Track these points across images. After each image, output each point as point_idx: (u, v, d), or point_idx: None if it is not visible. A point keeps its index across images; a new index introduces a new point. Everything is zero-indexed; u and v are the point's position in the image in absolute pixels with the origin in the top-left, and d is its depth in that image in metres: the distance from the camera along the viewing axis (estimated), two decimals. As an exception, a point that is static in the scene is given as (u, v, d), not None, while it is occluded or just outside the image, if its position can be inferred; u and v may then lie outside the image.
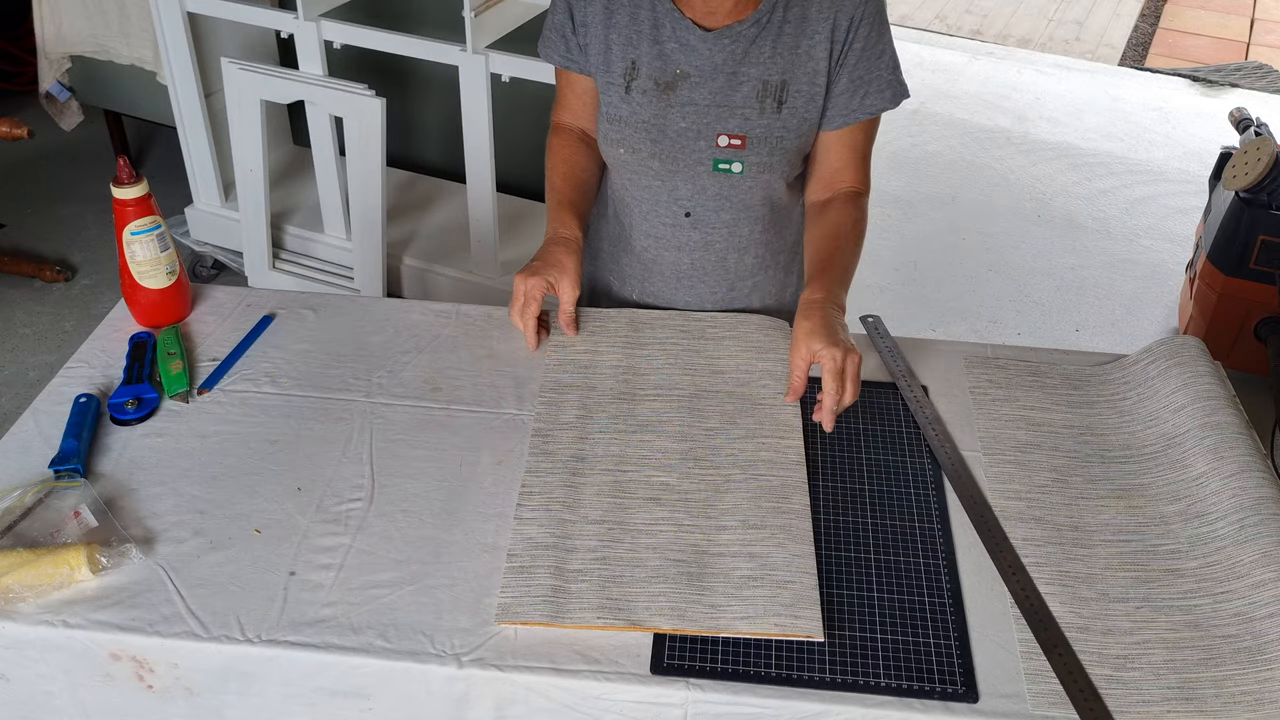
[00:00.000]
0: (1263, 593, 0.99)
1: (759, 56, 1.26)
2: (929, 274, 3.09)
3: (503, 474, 1.13)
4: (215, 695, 0.99)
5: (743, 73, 1.27)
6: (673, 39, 1.27)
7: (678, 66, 1.28)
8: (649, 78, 1.28)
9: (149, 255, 1.28)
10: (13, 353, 2.67)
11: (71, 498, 1.09)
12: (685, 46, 1.27)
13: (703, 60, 1.27)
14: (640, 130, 1.30)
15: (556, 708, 0.95)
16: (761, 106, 1.28)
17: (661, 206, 1.36)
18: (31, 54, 3.05)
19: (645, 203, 1.37)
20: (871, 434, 1.20)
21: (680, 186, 1.34)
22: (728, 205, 1.35)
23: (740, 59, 1.26)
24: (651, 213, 1.38)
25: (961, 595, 1.02)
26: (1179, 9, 5.14)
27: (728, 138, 1.29)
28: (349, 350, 1.30)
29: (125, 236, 1.27)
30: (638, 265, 1.44)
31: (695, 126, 1.29)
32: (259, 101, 2.47)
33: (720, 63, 1.27)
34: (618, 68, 1.29)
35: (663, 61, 1.28)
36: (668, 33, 1.27)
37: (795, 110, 1.28)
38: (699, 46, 1.26)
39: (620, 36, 1.29)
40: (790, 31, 1.26)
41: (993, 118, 3.98)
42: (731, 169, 1.31)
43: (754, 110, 1.28)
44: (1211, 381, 1.22)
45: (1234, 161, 2.54)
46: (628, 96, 1.30)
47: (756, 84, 1.27)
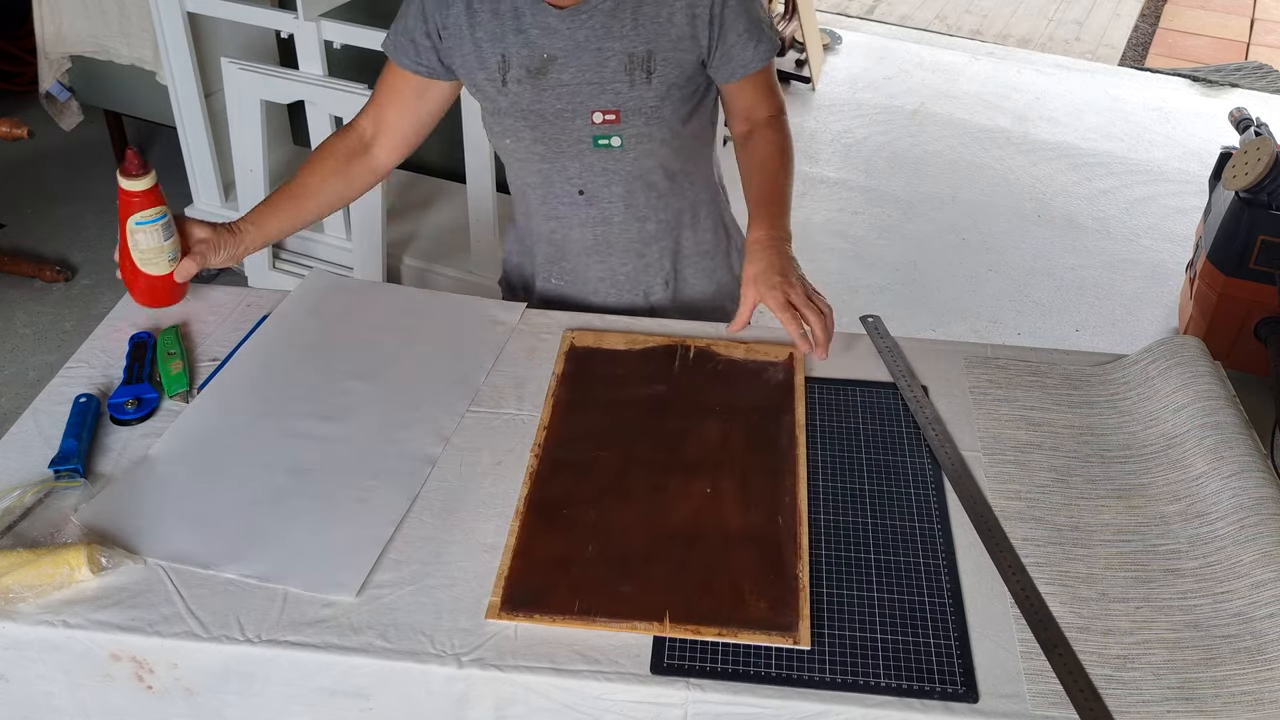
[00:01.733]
0: (1263, 593, 0.99)
1: (620, 30, 1.29)
2: (929, 274, 3.09)
3: (503, 474, 1.13)
4: (215, 695, 0.99)
5: (607, 48, 1.29)
6: (534, 25, 1.30)
7: (544, 51, 1.31)
8: (521, 66, 1.31)
9: (153, 244, 1.28)
10: (13, 353, 2.67)
11: (71, 498, 1.09)
12: (547, 30, 1.30)
13: (565, 41, 1.30)
14: (520, 119, 1.34)
15: (556, 708, 0.95)
16: (631, 79, 1.30)
17: (556, 188, 1.40)
18: (31, 54, 3.05)
19: (540, 187, 1.41)
20: (871, 434, 1.20)
21: (569, 166, 1.37)
22: (617, 179, 1.38)
23: (602, 35, 1.29)
24: (549, 195, 1.41)
25: (961, 595, 1.02)
26: (1179, 9, 5.14)
27: (601, 114, 1.32)
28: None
29: (130, 225, 1.27)
30: (549, 247, 1.48)
31: (570, 107, 1.32)
32: (259, 101, 2.47)
33: (583, 40, 1.29)
34: (491, 63, 1.32)
35: (530, 49, 1.31)
36: (529, 20, 1.30)
37: (666, 78, 1.31)
38: (559, 27, 1.29)
39: (486, 33, 1.32)
40: (649, 2, 1.29)
41: (993, 118, 3.98)
42: (611, 144, 1.34)
43: (624, 84, 1.31)
44: (1211, 381, 1.22)
45: (1234, 161, 2.54)
46: (504, 89, 1.33)
47: (622, 58, 1.30)
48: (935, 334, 2.82)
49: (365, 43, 2.37)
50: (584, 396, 1.23)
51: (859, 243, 3.21)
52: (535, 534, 1.06)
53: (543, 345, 1.31)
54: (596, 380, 1.26)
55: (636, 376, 1.26)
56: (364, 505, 1.09)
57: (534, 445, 1.17)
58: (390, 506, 1.09)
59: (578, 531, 1.06)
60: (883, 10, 5.04)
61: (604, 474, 1.13)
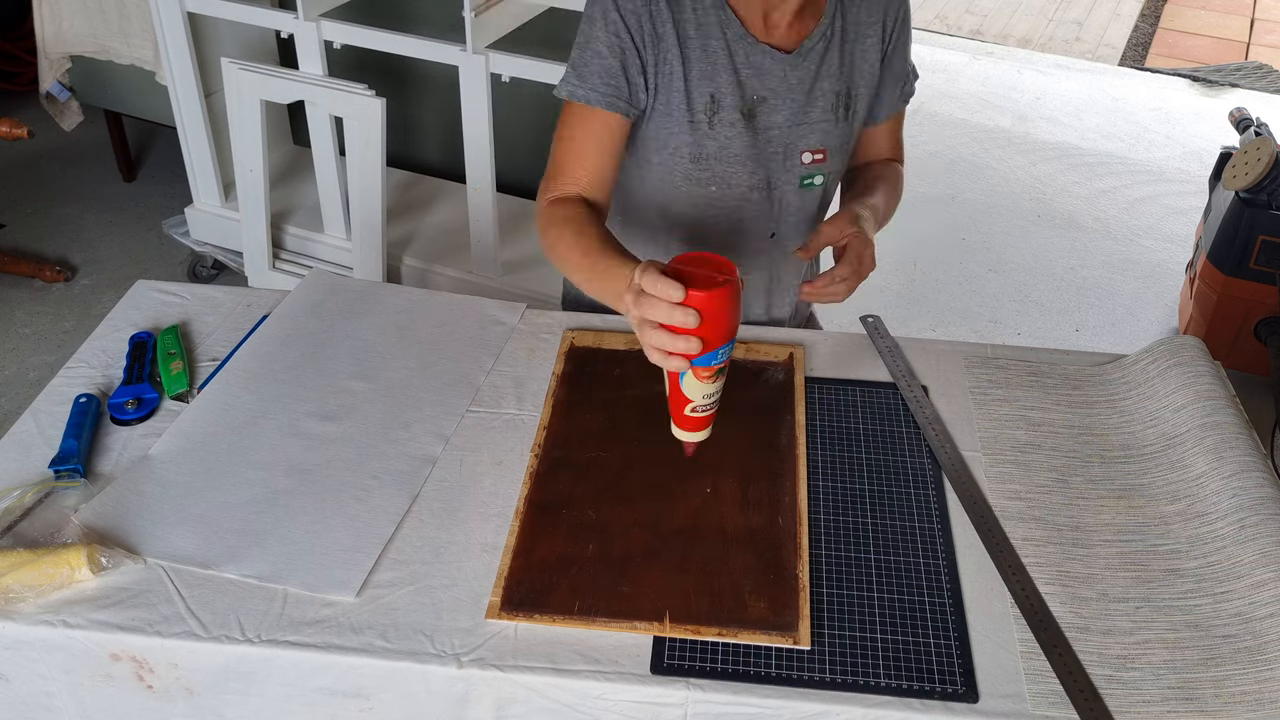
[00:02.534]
0: (1263, 593, 0.99)
1: (829, 70, 1.28)
2: (929, 274, 3.09)
3: (503, 474, 1.13)
4: (215, 695, 0.99)
5: (818, 89, 1.28)
6: (747, 65, 1.25)
7: (755, 93, 1.26)
8: (732, 109, 1.26)
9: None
10: (13, 353, 2.67)
11: (71, 498, 1.09)
12: (761, 72, 1.25)
13: (778, 83, 1.26)
14: (732, 164, 1.29)
15: (556, 708, 0.95)
16: (836, 117, 1.30)
17: (749, 233, 1.36)
18: (31, 54, 3.05)
19: (731, 234, 1.35)
20: (871, 434, 1.20)
21: (773, 208, 1.34)
22: (806, 217, 1.38)
23: (815, 75, 1.28)
24: (739, 242, 1.36)
25: (961, 595, 1.02)
26: (1179, 9, 5.14)
27: (810, 154, 1.31)
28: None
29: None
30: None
31: (781, 149, 1.29)
32: (259, 101, 2.46)
33: (795, 82, 1.27)
34: (699, 103, 1.25)
35: (741, 90, 1.26)
36: (742, 59, 1.24)
37: (858, 114, 1.33)
38: (773, 69, 1.25)
39: (697, 70, 1.24)
40: (850, 38, 1.28)
41: (993, 118, 3.98)
42: (814, 182, 1.33)
43: (830, 122, 1.30)
44: (1211, 381, 1.22)
45: (1234, 161, 2.54)
46: (712, 131, 1.26)
47: (831, 98, 1.29)
48: (935, 334, 2.82)
49: (365, 43, 2.38)
50: (584, 396, 1.23)
51: (859, 243, 3.21)
52: (535, 534, 1.06)
53: (543, 345, 1.31)
54: (596, 380, 1.26)
55: (636, 376, 1.26)
56: (364, 505, 1.09)
57: (534, 445, 1.17)
58: (390, 506, 1.09)
59: (578, 531, 1.06)
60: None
61: (604, 474, 1.13)
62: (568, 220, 1.22)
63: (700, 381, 1.01)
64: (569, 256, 1.20)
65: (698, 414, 1.05)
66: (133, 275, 2.46)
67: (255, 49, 2.78)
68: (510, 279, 2.55)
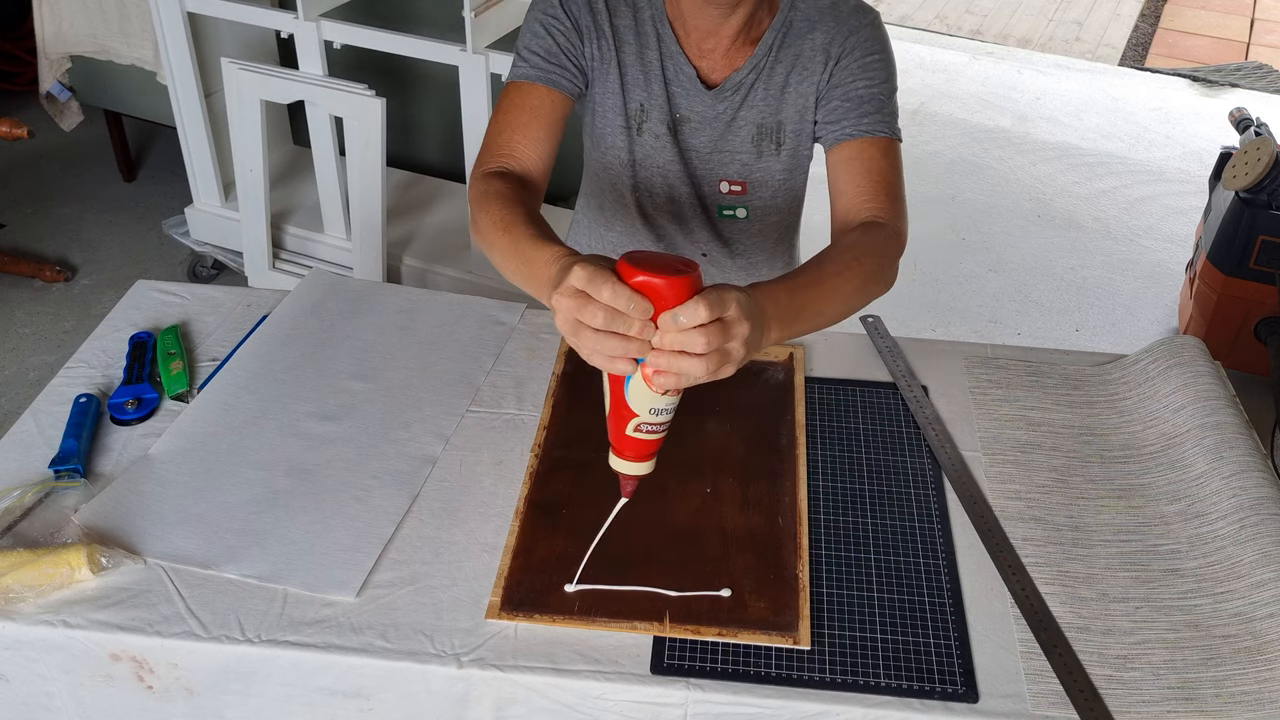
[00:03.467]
0: (1263, 593, 0.99)
1: (753, 100, 1.26)
2: (929, 274, 3.09)
3: (503, 474, 1.13)
4: (215, 695, 0.99)
5: (740, 118, 1.25)
6: (676, 83, 1.26)
7: (679, 111, 1.26)
8: (660, 121, 1.26)
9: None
10: (13, 353, 2.67)
11: (71, 498, 1.09)
12: (688, 95, 1.26)
13: (703, 109, 1.26)
14: (655, 173, 1.29)
15: (556, 708, 0.95)
16: (759, 150, 1.26)
17: (681, 248, 1.36)
18: (31, 54, 3.05)
19: (666, 245, 1.36)
20: (871, 434, 1.20)
21: (697, 231, 1.33)
22: (741, 249, 1.35)
23: (739, 106, 1.26)
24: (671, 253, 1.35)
25: (961, 595, 1.02)
26: (1179, 9, 5.14)
27: (729, 184, 1.28)
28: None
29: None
30: None
31: (701, 171, 1.28)
32: (259, 101, 2.46)
33: (720, 111, 1.26)
34: (631, 108, 1.26)
35: (669, 104, 1.26)
36: (673, 75, 1.25)
37: (794, 150, 1.29)
38: (699, 95, 1.26)
39: (631, 77, 1.25)
40: (781, 71, 1.25)
41: (993, 118, 3.98)
42: (736, 214, 1.30)
43: (750, 155, 1.27)
44: (1211, 381, 1.22)
45: (1234, 161, 2.54)
46: (640, 139, 1.27)
47: (751, 129, 1.26)
48: (935, 334, 2.82)
49: (365, 43, 2.38)
50: (584, 396, 1.23)
51: (859, 243, 3.21)
52: (535, 534, 1.06)
53: (543, 345, 1.31)
54: (596, 380, 1.25)
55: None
56: (364, 505, 1.09)
57: (534, 445, 1.17)
58: (390, 506, 1.09)
59: (578, 531, 1.06)
60: (883, 10, 5.04)
61: (604, 474, 1.13)
62: (496, 195, 1.12)
63: (650, 390, 0.86)
64: (491, 234, 1.09)
65: (641, 435, 0.89)
66: (133, 275, 2.46)
67: (255, 49, 2.78)
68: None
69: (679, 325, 0.82)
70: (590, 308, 0.82)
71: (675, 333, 0.82)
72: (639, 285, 0.81)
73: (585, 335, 0.83)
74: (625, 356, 0.83)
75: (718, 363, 0.85)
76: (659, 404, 0.87)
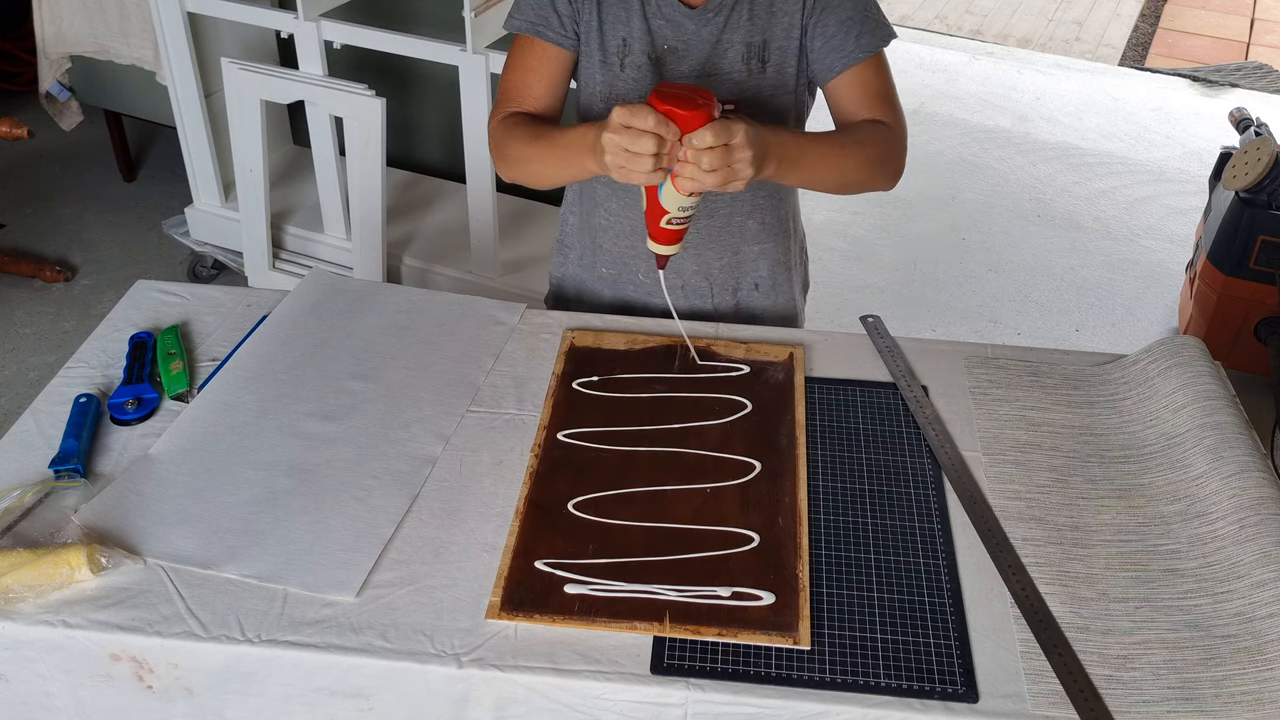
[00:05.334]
0: (1263, 593, 0.99)
1: (738, 21, 1.29)
2: (929, 274, 3.09)
3: (503, 474, 1.13)
4: (215, 695, 0.99)
5: (726, 40, 1.29)
6: (659, 15, 1.29)
7: (665, 42, 1.30)
8: (641, 53, 1.30)
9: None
10: (13, 353, 2.67)
11: (71, 498, 1.09)
12: (672, 23, 1.29)
13: (689, 35, 1.29)
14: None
15: (556, 708, 0.95)
16: (748, 69, 1.30)
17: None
18: (31, 54, 3.05)
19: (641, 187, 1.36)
20: (871, 434, 1.20)
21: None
22: None
23: (723, 28, 1.29)
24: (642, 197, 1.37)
25: (961, 595, 1.02)
26: (1179, 9, 5.14)
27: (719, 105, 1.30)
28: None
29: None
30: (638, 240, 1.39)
31: None
32: (259, 101, 2.46)
33: (705, 35, 1.29)
34: (611, 45, 1.31)
35: (651, 37, 1.30)
36: (654, 9, 1.29)
37: (780, 67, 1.31)
38: (685, 23, 1.29)
39: (611, 14, 1.30)
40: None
41: (993, 118, 3.98)
42: None
43: (741, 74, 1.30)
44: (1211, 381, 1.22)
45: (1234, 161, 2.54)
46: (622, 73, 1.31)
47: (740, 48, 1.29)
48: (935, 334, 2.82)
49: (365, 43, 2.38)
50: (584, 397, 1.23)
51: (859, 243, 3.21)
52: (535, 534, 1.06)
53: (543, 345, 1.31)
54: (596, 380, 1.26)
55: (636, 376, 1.26)
56: (364, 505, 1.09)
57: (534, 445, 1.17)
58: (390, 506, 1.09)
59: (578, 531, 1.06)
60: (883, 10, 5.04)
61: (604, 474, 1.13)
62: (519, 124, 1.31)
63: (678, 193, 1.13)
64: (525, 151, 1.29)
65: (672, 226, 1.17)
66: (133, 275, 2.46)
67: (255, 49, 2.78)
68: (510, 279, 2.55)
69: (694, 147, 1.08)
70: (631, 135, 1.07)
71: (693, 151, 1.08)
72: (666, 113, 1.07)
73: (629, 158, 1.08)
74: (659, 169, 1.09)
75: (725, 177, 1.10)
76: (685, 203, 1.15)
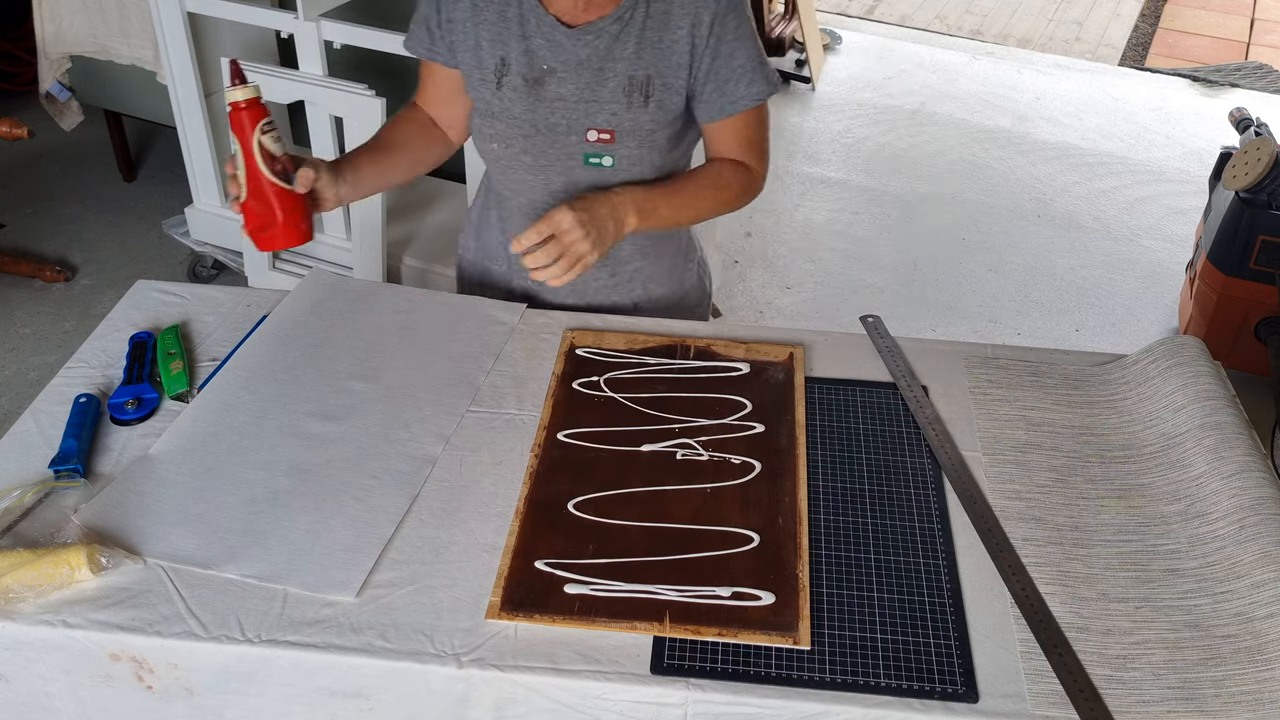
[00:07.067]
0: (1263, 593, 0.99)
1: (623, 52, 1.29)
2: (929, 274, 3.09)
3: (502, 474, 1.13)
4: (215, 695, 0.99)
5: (609, 68, 1.30)
6: (538, 35, 1.30)
7: (545, 63, 1.30)
8: (518, 74, 1.31)
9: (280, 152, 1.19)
10: (13, 353, 2.67)
11: (71, 498, 1.09)
12: (551, 43, 1.30)
13: (568, 56, 1.30)
14: (513, 125, 1.33)
15: (556, 708, 0.95)
16: (629, 101, 1.30)
17: (538, 199, 1.38)
18: (31, 54, 3.05)
19: (523, 195, 1.40)
20: (871, 434, 1.20)
21: (554, 180, 1.36)
22: None
23: (605, 55, 1.29)
24: (529, 205, 1.39)
25: (961, 595, 1.02)
26: (1179, 9, 5.14)
27: (596, 132, 1.32)
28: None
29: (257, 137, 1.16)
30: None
31: (565, 121, 1.32)
32: (259, 101, 2.46)
33: (585, 58, 1.29)
34: (489, 64, 1.32)
35: (530, 58, 1.31)
36: (533, 29, 1.30)
37: (663, 104, 1.32)
38: (564, 43, 1.29)
39: (489, 33, 1.32)
40: (654, 27, 1.29)
41: (993, 118, 3.98)
42: (602, 163, 1.33)
43: (621, 105, 1.31)
44: (1211, 381, 1.22)
45: (1234, 161, 2.54)
46: (499, 92, 1.33)
47: (623, 79, 1.30)
48: (935, 334, 2.82)
49: (365, 43, 2.37)
50: (584, 397, 1.23)
51: (859, 243, 3.21)
52: (535, 534, 1.06)
53: (543, 345, 1.31)
54: (596, 380, 1.26)
55: (636, 376, 1.26)
56: (364, 505, 1.09)
57: (534, 445, 1.17)
58: (390, 506, 1.09)
59: (578, 531, 1.06)
60: (883, 10, 5.04)
61: (604, 474, 1.13)
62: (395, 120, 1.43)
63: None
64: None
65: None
66: (133, 275, 2.45)
67: (255, 49, 2.78)
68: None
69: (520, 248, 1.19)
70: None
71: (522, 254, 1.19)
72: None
73: None
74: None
75: (569, 263, 1.21)
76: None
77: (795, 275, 3.05)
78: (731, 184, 1.38)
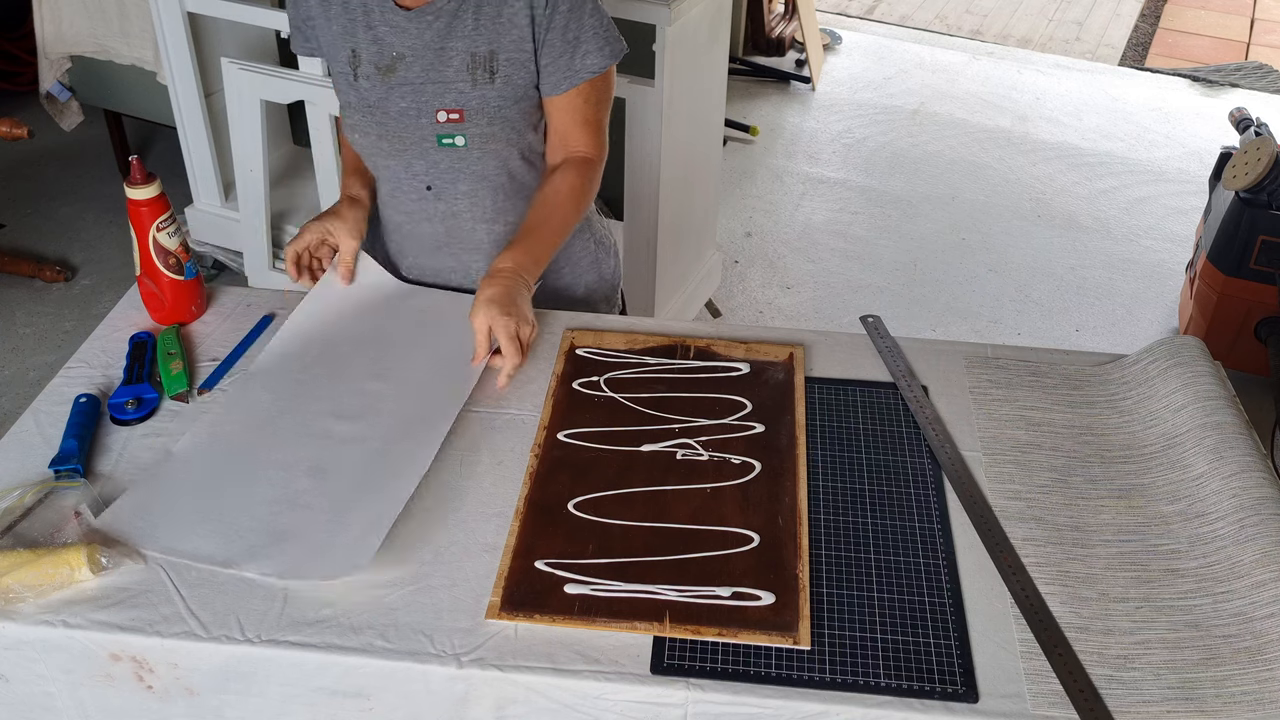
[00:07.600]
0: (1263, 593, 0.99)
1: (463, 30, 1.30)
2: (929, 274, 3.09)
3: (503, 474, 1.13)
4: (215, 695, 0.99)
5: (450, 47, 1.31)
6: (382, 23, 1.32)
7: (393, 50, 1.32)
8: (370, 63, 1.33)
9: (175, 246, 1.32)
10: (13, 353, 2.67)
11: (71, 498, 1.09)
12: (394, 29, 1.32)
13: (412, 40, 1.31)
14: (367, 114, 1.35)
15: (556, 708, 0.95)
16: (474, 79, 1.31)
17: (403, 183, 1.40)
18: (31, 54, 3.05)
19: (389, 181, 1.42)
20: (871, 434, 1.20)
21: (414, 163, 1.38)
22: (463, 177, 1.38)
23: (445, 34, 1.30)
24: (398, 190, 1.41)
25: (961, 595, 1.02)
26: (1179, 9, 5.14)
27: (445, 113, 1.33)
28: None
29: (152, 234, 1.30)
30: (400, 239, 1.47)
31: (415, 105, 1.33)
32: (259, 101, 2.46)
33: (428, 40, 1.31)
34: (342, 56, 1.35)
35: (379, 46, 1.33)
36: (377, 17, 1.32)
37: (509, 79, 1.32)
38: (406, 27, 1.31)
39: (339, 26, 1.34)
40: (490, 2, 1.30)
41: (993, 118, 3.98)
42: (455, 142, 1.35)
43: (467, 83, 1.32)
44: (1211, 381, 1.22)
45: (1234, 161, 2.54)
46: (356, 84, 1.35)
47: (465, 57, 1.31)
48: (935, 334, 2.82)
49: (365, 43, 2.37)
50: (584, 397, 1.23)
51: (859, 243, 3.21)
52: (535, 534, 1.06)
53: (543, 345, 1.31)
54: (596, 380, 1.26)
55: (636, 376, 1.26)
56: (366, 504, 1.09)
57: (534, 445, 1.17)
58: (391, 505, 1.09)
59: (578, 531, 1.06)
60: (883, 10, 5.04)
61: (604, 474, 1.13)
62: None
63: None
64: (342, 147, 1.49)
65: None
66: (133, 275, 2.44)
67: (255, 49, 2.78)
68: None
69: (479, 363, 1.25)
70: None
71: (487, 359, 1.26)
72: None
73: None
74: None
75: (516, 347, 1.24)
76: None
77: (795, 275, 3.05)
78: (576, 190, 1.37)
